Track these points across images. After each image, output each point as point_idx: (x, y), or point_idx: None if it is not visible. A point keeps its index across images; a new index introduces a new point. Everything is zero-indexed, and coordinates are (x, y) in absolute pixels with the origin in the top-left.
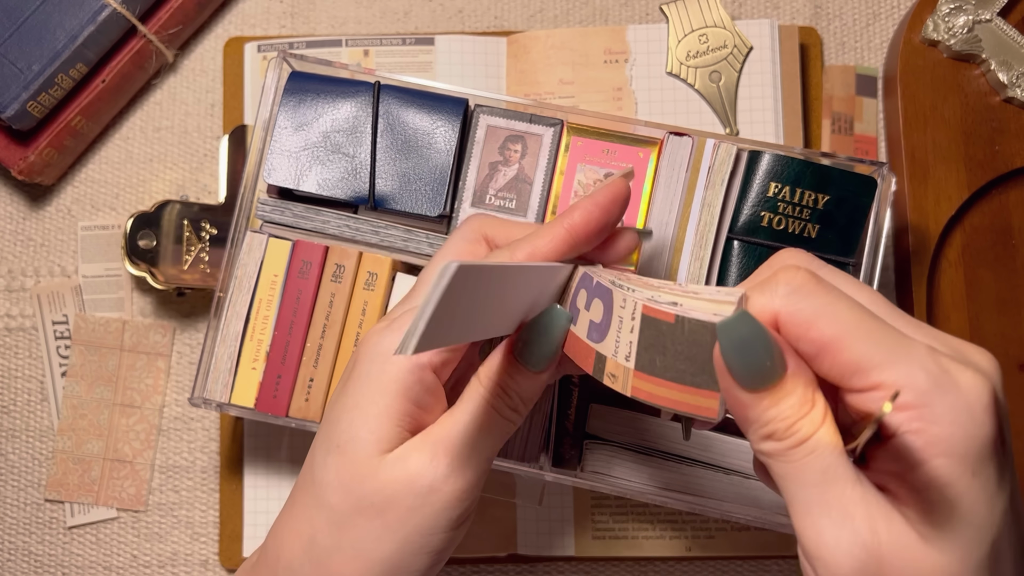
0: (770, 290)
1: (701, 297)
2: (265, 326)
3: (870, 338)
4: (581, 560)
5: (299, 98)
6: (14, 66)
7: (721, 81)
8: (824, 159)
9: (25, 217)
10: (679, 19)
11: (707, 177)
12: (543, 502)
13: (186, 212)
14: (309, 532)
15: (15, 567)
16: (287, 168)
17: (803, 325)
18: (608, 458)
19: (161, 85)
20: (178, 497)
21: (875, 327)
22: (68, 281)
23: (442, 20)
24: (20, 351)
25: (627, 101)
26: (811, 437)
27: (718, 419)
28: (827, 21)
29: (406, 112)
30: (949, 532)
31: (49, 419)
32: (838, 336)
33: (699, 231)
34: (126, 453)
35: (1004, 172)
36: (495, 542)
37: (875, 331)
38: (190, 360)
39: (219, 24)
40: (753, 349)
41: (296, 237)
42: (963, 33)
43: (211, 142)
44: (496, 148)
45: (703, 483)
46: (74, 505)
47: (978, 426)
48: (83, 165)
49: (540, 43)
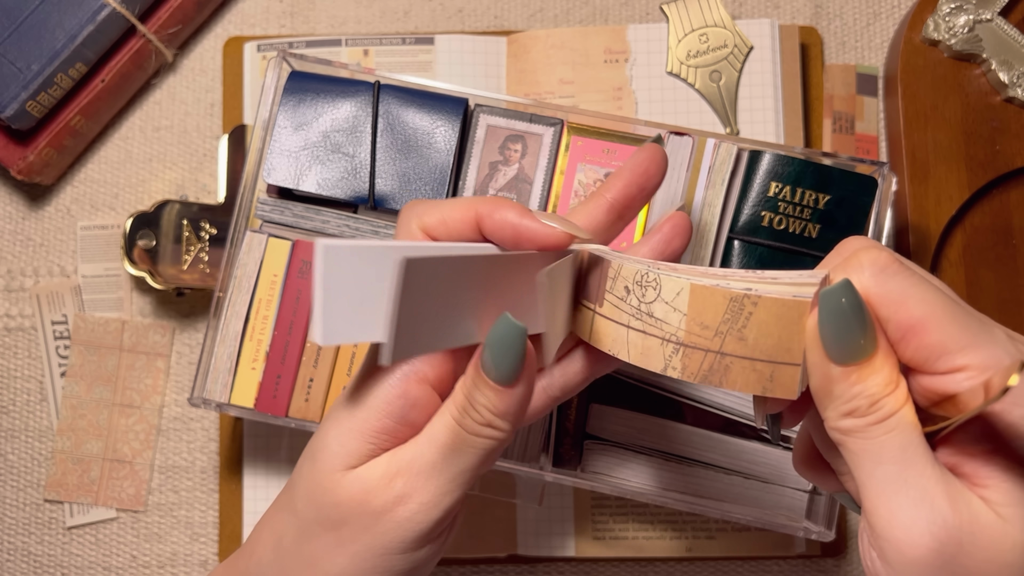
0: (855, 270)
1: (780, 282)
2: (265, 326)
3: (956, 321)
4: (581, 560)
5: (299, 98)
6: (13, 65)
7: (721, 81)
8: (825, 159)
9: (24, 217)
10: (679, 19)
11: (708, 177)
12: (543, 502)
13: (186, 212)
14: (279, 533)
15: (14, 567)
16: (287, 168)
17: (893, 305)
18: (608, 458)
19: (160, 85)
20: (177, 497)
21: (959, 311)
22: (67, 281)
23: (442, 20)
24: (19, 351)
25: (627, 101)
26: (894, 414)
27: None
28: (828, 20)
29: (406, 112)
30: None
31: (48, 419)
32: (926, 317)
33: (700, 231)
34: (125, 453)
35: (1005, 172)
36: (495, 542)
37: (960, 315)
38: (190, 360)
39: (219, 24)
40: (851, 321)
41: (296, 237)
42: (964, 33)
43: (210, 142)
44: (496, 148)
45: (703, 483)
46: (73, 505)
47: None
48: (82, 165)
49: (540, 43)
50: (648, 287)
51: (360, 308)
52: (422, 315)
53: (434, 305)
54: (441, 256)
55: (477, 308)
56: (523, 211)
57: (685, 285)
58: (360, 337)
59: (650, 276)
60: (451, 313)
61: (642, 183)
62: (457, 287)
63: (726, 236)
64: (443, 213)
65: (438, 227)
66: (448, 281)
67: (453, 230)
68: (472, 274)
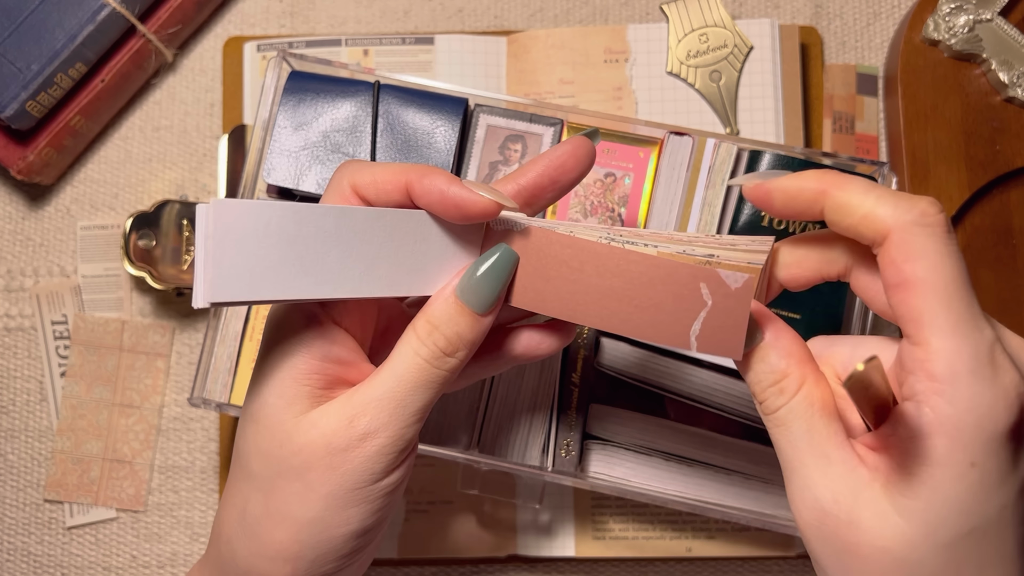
0: (905, 207)
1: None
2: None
3: (948, 303)
4: (581, 560)
5: (299, 98)
6: (13, 65)
7: (721, 81)
8: (825, 159)
9: (24, 217)
10: (679, 18)
11: (707, 177)
12: (543, 502)
13: (186, 212)
14: (241, 503)
15: (14, 567)
16: (287, 168)
17: (904, 254)
18: (608, 458)
19: (160, 85)
20: (177, 497)
21: (960, 297)
22: (67, 281)
23: (442, 19)
24: (19, 351)
25: (627, 101)
26: (781, 407)
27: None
28: (828, 20)
29: (406, 112)
30: (923, 506)
31: (48, 419)
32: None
33: (699, 231)
34: (125, 453)
35: (1005, 172)
36: (495, 542)
37: (956, 300)
38: (189, 360)
39: (218, 23)
40: None
41: None
42: (964, 33)
43: (210, 142)
44: (496, 148)
45: (703, 483)
46: (73, 505)
47: (994, 421)
48: (82, 165)
49: (540, 42)
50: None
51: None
52: (260, 257)
53: (284, 252)
54: (279, 204)
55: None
56: (451, 179)
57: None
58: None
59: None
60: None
61: (555, 176)
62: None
63: None
64: (375, 174)
65: (368, 187)
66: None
67: (383, 192)
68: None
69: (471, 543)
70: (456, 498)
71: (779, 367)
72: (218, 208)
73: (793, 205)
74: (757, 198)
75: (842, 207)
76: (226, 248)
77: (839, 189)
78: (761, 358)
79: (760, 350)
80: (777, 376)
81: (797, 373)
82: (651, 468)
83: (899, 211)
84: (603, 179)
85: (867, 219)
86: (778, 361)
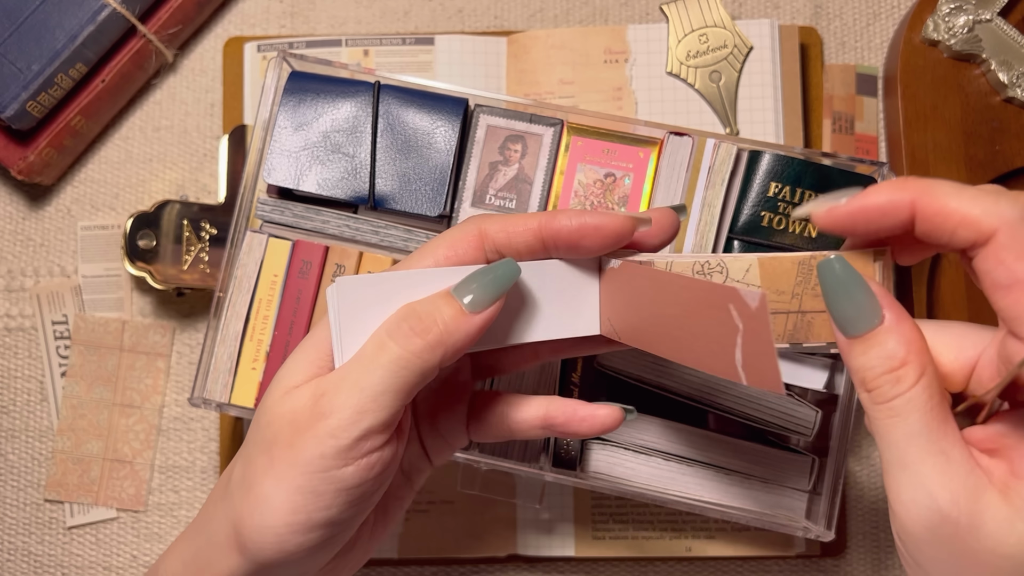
0: (1006, 204)
1: None
2: (265, 326)
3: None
4: (581, 560)
5: (299, 98)
6: (14, 66)
7: (721, 81)
8: (824, 159)
9: (25, 217)
10: (679, 19)
11: (707, 177)
12: (543, 502)
13: (186, 212)
14: (231, 468)
15: (15, 567)
16: (287, 168)
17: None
18: (608, 458)
19: (161, 85)
20: (178, 497)
21: None
22: (68, 281)
23: (442, 20)
24: (20, 351)
25: (627, 101)
26: (897, 397)
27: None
28: (827, 21)
29: (406, 112)
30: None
31: (49, 419)
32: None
33: (699, 231)
34: (126, 453)
35: (1005, 172)
36: (495, 542)
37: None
38: (190, 360)
39: (219, 24)
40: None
41: (296, 237)
42: (963, 33)
43: (211, 142)
44: (496, 148)
45: (703, 483)
46: (74, 505)
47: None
48: (83, 165)
49: (540, 43)
50: (712, 273)
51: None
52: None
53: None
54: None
55: None
56: (580, 211)
57: (753, 260)
58: None
59: (712, 263)
60: None
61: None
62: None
63: (726, 236)
64: (505, 221)
65: (499, 233)
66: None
67: (514, 235)
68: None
69: (471, 543)
70: (456, 498)
71: (898, 354)
72: (342, 286)
73: (884, 222)
74: (833, 223)
75: (938, 213)
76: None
77: (930, 196)
78: (879, 342)
79: (878, 334)
80: (895, 363)
81: (917, 362)
82: (651, 468)
83: (1002, 208)
84: (603, 179)
85: (967, 221)
86: (897, 347)
